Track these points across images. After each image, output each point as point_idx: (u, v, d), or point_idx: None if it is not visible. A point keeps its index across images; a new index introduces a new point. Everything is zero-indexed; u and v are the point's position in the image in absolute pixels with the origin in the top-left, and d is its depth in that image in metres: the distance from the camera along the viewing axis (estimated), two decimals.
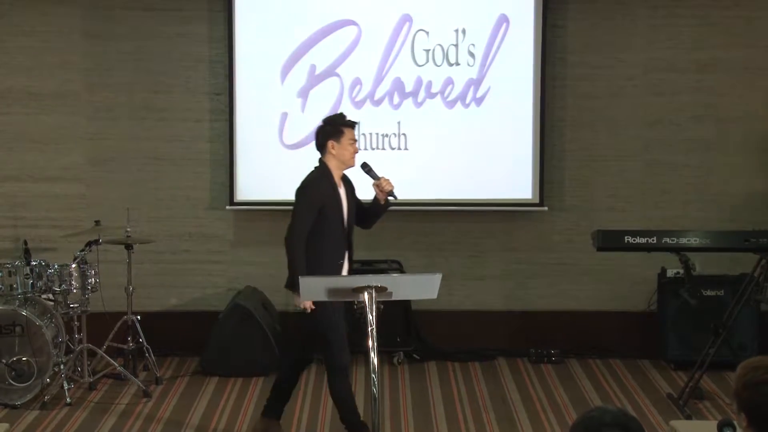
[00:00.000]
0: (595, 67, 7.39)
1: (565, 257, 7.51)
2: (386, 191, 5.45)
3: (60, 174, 7.39)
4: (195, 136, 7.41)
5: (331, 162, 5.40)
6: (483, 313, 7.51)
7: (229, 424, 5.98)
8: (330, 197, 5.34)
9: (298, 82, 7.29)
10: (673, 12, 7.34)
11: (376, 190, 5.49)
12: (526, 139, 7.31)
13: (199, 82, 7.37)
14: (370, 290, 4.66)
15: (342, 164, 5.41)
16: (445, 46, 7.29)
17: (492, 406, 6.32)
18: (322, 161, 5.44)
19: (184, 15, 7.32)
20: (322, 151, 5.44)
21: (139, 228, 7.08)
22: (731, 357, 6.58)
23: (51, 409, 6.13)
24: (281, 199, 7.34)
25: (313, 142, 7.20)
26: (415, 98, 7.31)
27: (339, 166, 5.41)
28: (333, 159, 5.39)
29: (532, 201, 7.36)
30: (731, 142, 7.43)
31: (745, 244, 6.18)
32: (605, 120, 7.44)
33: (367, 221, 5.65)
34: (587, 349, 7.42)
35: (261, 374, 6.87)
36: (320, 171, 5.41)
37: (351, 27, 7.27)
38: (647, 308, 7.41)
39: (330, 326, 5.29)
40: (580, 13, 7.36)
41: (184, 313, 7.48)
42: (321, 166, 5.43)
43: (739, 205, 7.42)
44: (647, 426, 5.85)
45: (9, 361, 6.16)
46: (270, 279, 7.46)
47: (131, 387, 6.58)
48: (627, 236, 6.26)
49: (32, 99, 7.34)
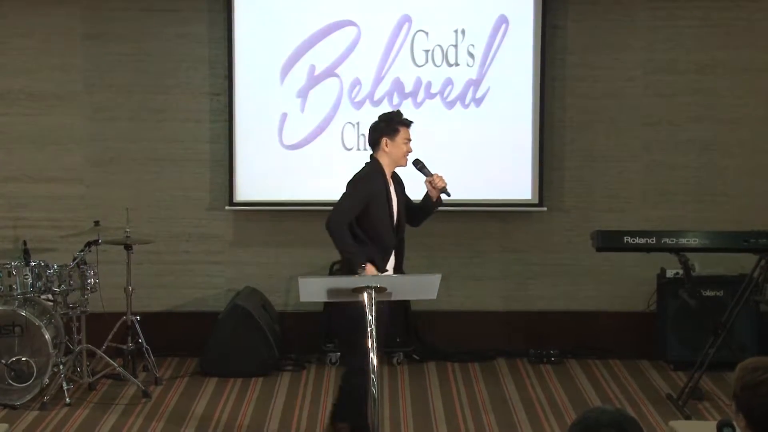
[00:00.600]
0: (594, 67, 7.39)
1: (565, 258, 7.51)
2: (439, 188, 5.42)
3: (59, 174, 7.39)
4: (194, 136, 7.41)
5: (383, 159, 5.37)
6: (482, 314, 7.51)
7: (229, 425, 5.98)
8: (380, 193, 5.31)
9: (298, 83, 7.29)
10: (673, 13, 7.34)
11: (429, 187, 5.46)
12: (525, 140, 7.31)
13: (198, 83, 7.37)
14: (369, 291, 4.65)
15: (394, 162, 5.38)
16: (444, 47, 7.29)
17: (491, 407, 6.32)
18: (374, 158, 5.39)
19: (184, 16, 7.32)
20: (374, 148, 5.40)
21: (139, 228, 7.08)
22: (731, 357, 6.54)
23: (50, 410, 6.13)
24: (281, 200, 7.38)
25: (312, 143, 7.35)
26: (414, 99, 7.31)
27: (391, 164, 5.38)
28: (385, 156, 5.36)
29: (532, 201, 7.36)
30: (731, 143, 7.44)
31: (745, 244, 6.18)
32: (605, 121, 7.44)
33: (417, 219, 5.63)
34: (586, 350, 7.42)
35: (260, 375, 6.88)
36: (372, 167, 5.37)
37: (350, 27, 7.27)
38: (647, 309, 7.41)
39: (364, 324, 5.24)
40: (579, 14, 7.36)
41: (184, 313, 7.48)
42: (372, 162, 5.39)
43: (738, 205, 7.43)
44: (647, 426, 5.85)
45: (8, 362, 6.17)
46: (269, 279, 7.48)
47: (130, 387, 6.58)
48: (626, 237, 6.26)
49: (32, 100, 7.34)
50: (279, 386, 6.72)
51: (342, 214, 5.26)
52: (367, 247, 5.28)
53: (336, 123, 7.31)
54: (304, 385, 6.75)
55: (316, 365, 7.21)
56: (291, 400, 6.46)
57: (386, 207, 5.33)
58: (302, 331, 7.39)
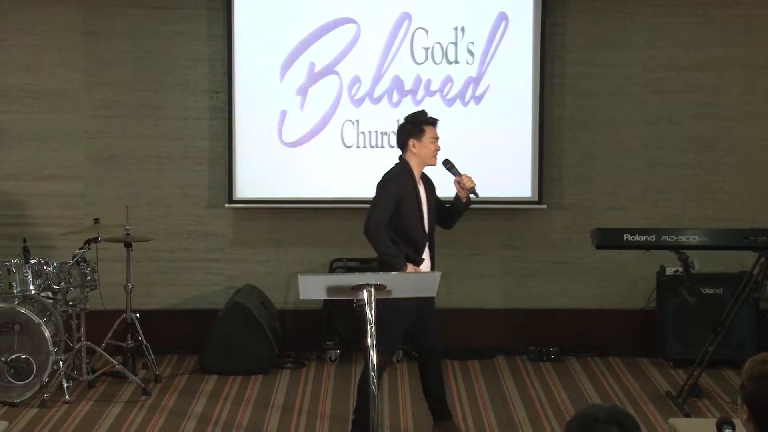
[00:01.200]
0: (594, 65, 7.39)
1: (564, 255, 7.51)
2: (468, 188, 5.43)
3: (59, 172, 7.39)
4: (194, 134, 7.40)
5: (412, 160, 5.39)
6: (482, 312, 7.51)
7: (228, 423, 5.98)
8: (409, 194, 5.33)
9: (297, 80, 7.28)
10: (673, 11, 7.33)
11: (457, 188, 5.47)
12: (525, 138, 7.31)
13: (198, 80, 7.36)
14: (369, 288, 4.65)
15: (422, 162, 5.40)
16: (444, 44, 7.29)
17: (491, 405, 6.32)
18: (403, 158, 5.42)
19: (184, 13, 7.32)
20: (403, 150, 5.43)
21: (138, 226, 7.08)
22: (730, 355, 6.60)
23: (50, 407, 6.13)
24: (280, 197, 7.38)
25: (311, 140, 7.35)
26: (414, 96, 7.30)
27: (420, 164, 5.40)
28: (414, 157, 5.38)
29: (531, 199, 7.36)
30: (730, 141, 7.43)
31: (744, 242, 6.18)
32: (604, 118, 7.44)
33: (449, 220, 5.64)
34: (586, 347, 7.42)
35: (260, 372, 6.88)
36: (401, 167, 5.40)
37: (350, 25, 7.27)
38: (646, 306, 7.41)
39: (392, 323, 5.23)
40: (579, 12, 7.36)
41: (183, 311, 7.48)
42: (402, 163, 5.41)
43: (738, 203, 7.42)
44: (646, 424, 5.85)
45: (8, 359, 6.16)
46: (269, 277, 7.47)
47: (130, 385, 6.58)
48: (626, 234, 6.25)
49: (31, 97, 7.34)
50: (279, 384, 6.72)
51: (378, 215, 5.30)
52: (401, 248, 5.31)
53: (335, 120, 7.30)
54: (303, 383, 6.75)
55: (315, 363, 7.21)
56: (291, 397, 6.46)
57: (416, 206, 5.34)
58: (302, 328, 7.39)
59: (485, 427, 5.93)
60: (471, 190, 5.43)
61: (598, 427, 2.37)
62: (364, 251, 7.38)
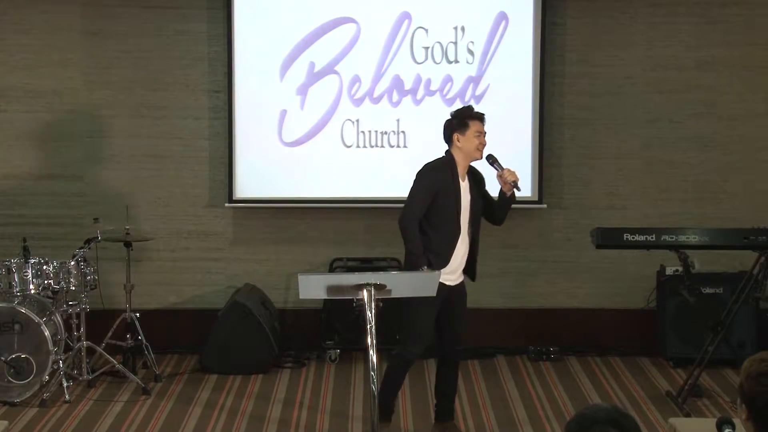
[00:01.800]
0: (594, 64, 7.39)
1: (564, 255, 7.51)
2: (510, 182, 5.43)
3: (59, 172, 7.39)
4: (194, 133, 7.40)
5: (457, 154, 5.40)
6: (482, 311, 7.49)
7: (228, 422, 5.98)
8: (447, 186, 5.33)
9: (297, 80, 7.28)
10: (673, 10, 7.33)
11: (500, 182, 5.48)
12: (525, 137, 7.31)
13: (198, 80, 7.36)
14: (369, 288, 4.65)
15: (467, 156, 5.40)
16: (444, 44, 7.29)
17: (491, 404, 6.32)
18: (449, 152, 5.44)
19: (183, 12, 7.32)
20: (449, 144, 5.45)
21: (138, 226, 7.08)
22: (730, 354, 6.60)
23: (50, 407, 6.13)
24: (280, 197, 7.38)
25: (311, 140, 7.35)
26: (414, 96, 7.30)
27: (465, 158, 5.41)
28: (459, 152, 5.39)
29: (532, 198, 7.35)
30: (730, 140, 7.43)
31: (744, 241, 6.18)
32: (604, 118, 7.44)
33: (496, 216, 5.65)
34: (586, 347, 7.42)
35: (260, 372, 6.88)
36: (443, 159, 5.42)
37: (350, 24, 7.27)
38: (646, 306, 7.41)
39: (418, 316, 5.30)
40: (579, 11, 7.36)
41: (183, 310, 7.48)
42: (445, 156, 5.43)
43: (738, 202, 7.43)
44: (646, 424, 5.85)
45: (8, 359, 6.16)
46: (269, 276, 7.47)
47: (130, 384, 6.58)
48: (626, 234, 6.26)
49: (31, 96, 7.34)
50: (279, 383, 6.72)
51: (412, 205, 5.33)
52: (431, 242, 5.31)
53: (335, 120, 7.30)
54: (303, 382, 6.76)
55: (315, 362, 7.21)
56: (291, 397, 6.46)
57: (452, 199, 5.34)
58: (302, 328, 7.39)
59: (485, 426, 5.93)
60: (513, 183, 5.44)
61: (596, 427, 2.37)
62: (364, 251, 7.43)
